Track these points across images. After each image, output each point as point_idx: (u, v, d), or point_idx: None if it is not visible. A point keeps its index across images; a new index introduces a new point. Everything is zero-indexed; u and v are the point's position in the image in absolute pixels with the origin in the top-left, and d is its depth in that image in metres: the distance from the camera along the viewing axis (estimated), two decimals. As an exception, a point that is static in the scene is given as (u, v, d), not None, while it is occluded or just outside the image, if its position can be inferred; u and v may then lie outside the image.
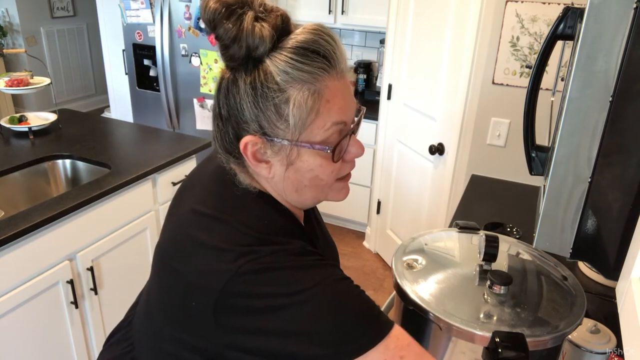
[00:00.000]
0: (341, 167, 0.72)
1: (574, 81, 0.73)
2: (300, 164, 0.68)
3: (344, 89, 0.67)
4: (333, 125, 0.66)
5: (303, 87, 0.64)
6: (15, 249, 1.59)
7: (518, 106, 2.11)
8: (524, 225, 1.55)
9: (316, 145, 0.66)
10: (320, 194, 0.73)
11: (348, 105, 0.68)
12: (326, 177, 0.70)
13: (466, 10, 2.15)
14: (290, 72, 0.63)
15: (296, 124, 0.65)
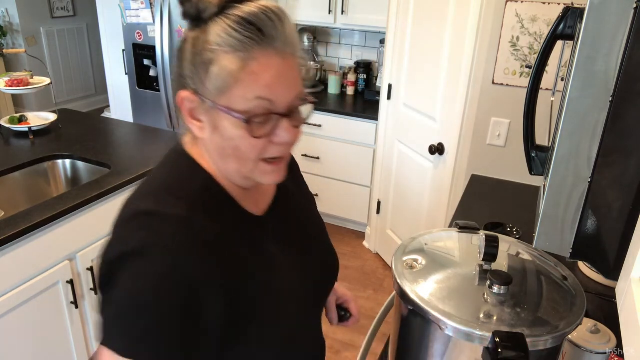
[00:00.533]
0: (266, 146, 0.70)
1: (574, 81, 0.73)
2: (223, 130, 0.69)
3: (281, 69, 0.67)
4: (256, 99, 0.66)
5: (231, 53, 0.66)
6: (15, 249, 1.59)
7: (518, 106, 2.11)
8: (524, 225, 1.55)
9: (233, 112, 0.67)
10: (244, 168, 0.72)
11: (279, 85, 0.67)
12: (247, 151, 0.69)
13: (466, 10, 2.15)
14: (223, 36, 0.66)
15: (217, 86, 0.67)
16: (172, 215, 0.69)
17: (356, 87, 3.54)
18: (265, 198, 0.83)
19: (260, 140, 0.69)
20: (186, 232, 0.69)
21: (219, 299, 0.69)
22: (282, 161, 0.74)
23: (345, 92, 3.56)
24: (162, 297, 0.66)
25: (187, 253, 0.67)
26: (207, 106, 0.69)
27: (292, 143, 0.72)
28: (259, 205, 0.82)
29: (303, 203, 0.94)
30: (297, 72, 0.70)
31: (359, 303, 2.76)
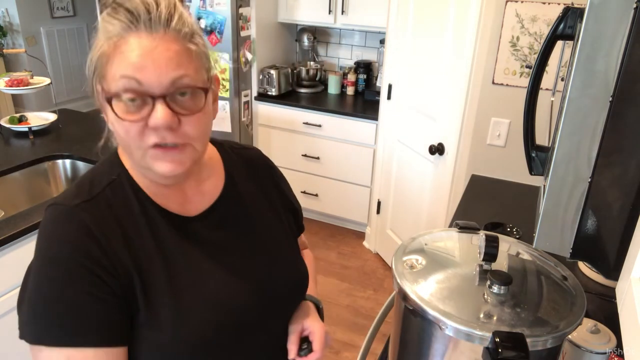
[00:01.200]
0: (143, 132, 0.68)
1: (574, 81, 0.73)
2: (107, 115, 0.71)
3: (152, 49, 0.66)
4: (121, 78, 0.66)
5: (107, 37, 0.68)
6: (15, 249, 1.59)
7: (518, 106, 2.11)
8: (524, 225, 1.55)
9: (104, 93, 0.69)
10: (134, 157, 0.72)
11: (148, 65, 0.66)
12: (124, 135, 0.69)
13: (466, 10, 2.15)
14: (103, 25, 0.68)
15: (93, 70, 0.69)
16: (61, 206, 0.72)
17: (356, 87, 3.54)
18: (200, 200, 0.81)
19: (132, 124, 0.68)
20: (66, 220, 0.71)
21: (113, 280, 0.70)
22: (175, 150, 0.70)
23: (345, 92, 3.56)
24: (46, 281, 0.69)
25: (63, 237, 0.70)
26: (99, 96, 0.71)
27: (170, 127, 0.68)
28: (186, 206, 0.80)
29: (257, 207, 0.89)
30: (177, 55, 0.67)
31: (358, 303, 2.76)
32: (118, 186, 0.76)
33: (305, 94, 3.50)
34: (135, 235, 0.74)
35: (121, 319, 0.71)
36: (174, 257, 0.76)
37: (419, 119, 2.61)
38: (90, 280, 0.68)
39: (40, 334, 0.68)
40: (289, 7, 3.41)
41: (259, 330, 0.83)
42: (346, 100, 3.45)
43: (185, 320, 0.73)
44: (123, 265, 0.71)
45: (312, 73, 3.56)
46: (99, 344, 0.69)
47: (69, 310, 0.68)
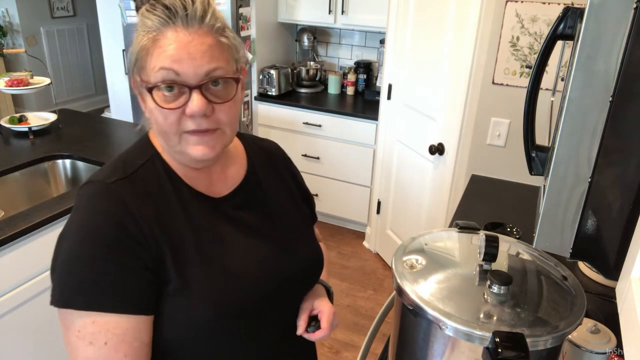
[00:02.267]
0: (181, 119, 0.75)
1: (574, 81, 0.73)
2: (147, 104, 0.77)
3: (187, 43, 0.72)
4: (161, 70, 0.72)
5: (146, 31, 0.74)
6: (15, 249, 1.59)
7: (518, 106, 2.11)
8: (524, 225, 1.55)
9: (144, 84, 0.75)
10: (171, 142, 0.77)
11: (185, 57, 0.72)
12: (162, 122, 0.75)
13: (466, 10, 2.15)
14: (142, 20, 0.75)
15: (135, 62, 0.76)
16: (98, 182, 0.78)
17: (356, 87, 3.54)
18: (224, 184, 0.88)
19: (171, 112, 0.74)
20: (103, 194, 0.76)
21: (144, 253, 0.74)
22: (208, 134, 0.76)
23: (345, 92, 3.56)
24: (84, 248, 0.73)
25: (100, 210, 0.75)
26: (139, 86, 0.77)
27: (205, 115, 0.74)
28: (212, 189, 0.86)
29: (277, 194, 0.95)
30: (210, 48, 0.74)
31: (358, 303, 2.76)
32: (151, 166, 0.82)
33: (305, 94, 3.50)
34: (167, 210, 0.79)
35: (149, 289, 0.75)
36: (203, 231, 0.81)
37: (419, 119, 2.61)
38: (123, 251, 0.73)
39: (70, 297, 0.72)
40: (289, 7, 3.41)
41: (277, 304, 0.88)
42: (346, 100, 3.45)
43: (213, 288, 0.78)
44: (155, 239, 0.75)
45: (312, 73, 3.56)
46: (125, 311, 0.73)
47: (100, 278, 0.72)
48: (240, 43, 0.80)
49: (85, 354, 0.72)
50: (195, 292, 0.77)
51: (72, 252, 0.73)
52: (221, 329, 0.80)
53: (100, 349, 0.71)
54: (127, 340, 0.73)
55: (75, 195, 0.80)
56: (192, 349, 0.80)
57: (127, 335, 0.73)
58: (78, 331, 0.72)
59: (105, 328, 0.71)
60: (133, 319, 0.73)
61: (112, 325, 0.72)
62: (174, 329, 0.77)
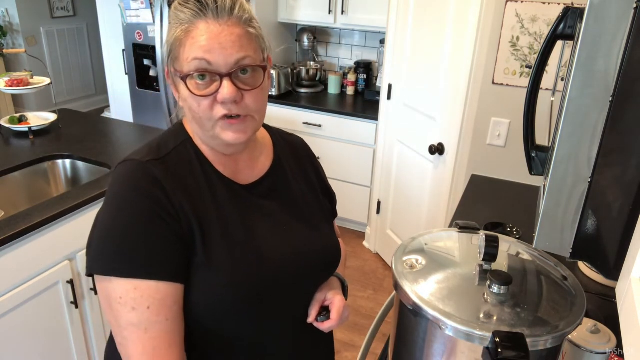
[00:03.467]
0: (213, 105, 0.80)
1: (574, 81, 0.73)
2: (182, 93, 0.82)
3: (218, 33, 0.77)
4: (194, 60, 0.77)
5: (179, 24, 0.79)
6: (15, 249, 1.59)
7: (518, 106, 2.11)
8: (524, 225, 1.55)
9: (178, 73, 0.80)
10: (205, 128, 0.82)
11: (215, 47, 0.77)
12: (196, 109, 0.80)
13: (466, 10, 2.15)
14: (174, 13, 0.80)
15: (169, 53, 0.81)
16: (135, 160, 0.83)
17: (356, 87, 3.54)
18: (251, 172, 0.92)
19: (203, 98, 0.79)
20: (139, 171, 0.81)
21: (176, 225, 0.79)
22: (239, 120, 0.82)
23: (345, 92, 3.56)
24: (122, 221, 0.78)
25: (136, 185, 0.80)
26: (172, 75, 0.83)
27: (235, 101, 0.80)
28: (238, 176, 0.90)
29: (300, 186, 1.00)
30: (239, 38, 0.79)
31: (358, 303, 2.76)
32: (183, 150, 0.87)
33: (305, 94, 3.50)
34: (196, 191, 0.84)
35: (182, 259, 0.80)
36: (228, 212, 0.86)
37: (419, 119, 2.61)
38: (158, 222, 0.78)
39: (111, 266, 0.76)
40: (289, 7, 3.41)
41: (294, 291, 0.92)
42: (346, 100, 3.45)
43: (234, 268, 0.82)
44: (185, 214, 0.80)
45: (312, 73, 3.56)
46: (163, 277, 0.77)
47: (138, 246, 0.77)
48: (266, 33, 0.85)
49: (129, 319, 0.76)
50: (219, 268, 0.81)
51: (111, 223, 0.78)
52: (241, 308, 0.84)
53: (144, 313, 0.76)
54: (167, 304, 0.77)
55: (112, 172, 0.85)
56: (213, 326, 0.84)
57: (167, 299, 0.77)
58: (120, 297, 0.75)
59: (147, 293, 0.76)
60: (171, 285, 0.78)
61: (154, 290, 0.76)
62: (197, 304, 0.81)
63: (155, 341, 0.76)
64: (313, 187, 1.03)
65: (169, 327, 0.77)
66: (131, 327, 0.76)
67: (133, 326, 0.76)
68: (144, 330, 0.76)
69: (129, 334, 0.76)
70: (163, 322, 0.77)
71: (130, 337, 0.76)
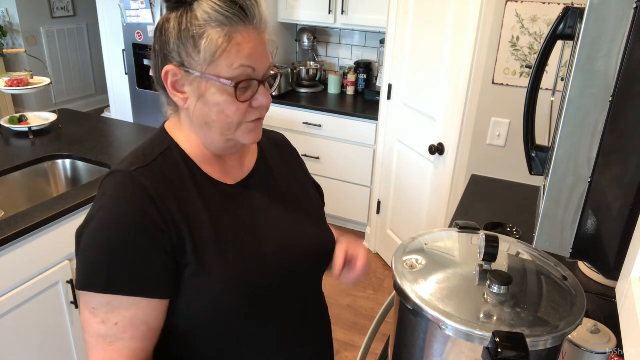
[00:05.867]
0: (247, 110, 0.81)
1: (574, 81, 0.73)
2: (209, 97, 0.79)
3: (258, 41, 0.78)
4: (240, 67, 0.77)
5: (218, 27, 0.75)
6: (15, 249, 1.59)
7: (518, 106, 2.11)
8: (524, 225, 1.55)
9: (222, 79, 0.77)
10: (228, 131, 0.82)
11: (258, 55, 0.78)
12: (231, 114, 0.80)
13: (466, 10, 2.15)
14: (211, 13, 0.75)
15: (206, 57, 0.76)
16: (120, 172, 0.81)
17: (356, 87, 3.54)
18: (239, 171, 0.92)
19: (244, 104, 0.79)
20: (127, 182, 0.79)
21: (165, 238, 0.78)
22: (260, 122, 0.85)
23: (345, 92, 3.56)
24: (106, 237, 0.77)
25: (124, 197, 0.78)
26: (193, 77, 0.78)
27: (268, 106, 0.83)
28: (226, 176, 0.90)
29: (287, 179, 1.00)
30: (267, 45, 0.81)
31: (358, 303, 2.76)
32: (169, 155, 0.85)
33: (305, 94, 3.51)
34: (185, 196, 0.83)
35: (166, 274, 0.79)
36: (219, 214, 0.85)
37: (419, 119, 2.61)
38: (143, 237, 0.76)
39: (88, 280, 0.77)
40: (289, 7, 3.41)
41: (293, 284, 0.92)
42: (346, 100, 3.45)
43: (231, 268, 0.82)
44: (175, 223, 0.79)
45: (312, 73, 3.56)
46: (140, 294, 0.77)
47: (118, 262, 0.76)
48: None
49: (97, 330, 0.77)
50: (214, 273, 0.80)
51: (94, 237, 0.78)
52: (240, 309, 0.84)
53: (111, 328, 0.77)
54: (135, 324, 0.77)
55: (98, 186, 0.84)
56: (213, 329, 0.84)
57: (135, 319, 0.77)
58: (93, 308, 0.77)
59: (117, 310, 0.76)
60: (145, 303, 0.77)
61: (124, 307, 0.76)
62: (194, 310, 0.81)
63: (115, 354, 0.78)
64: (300, 180, 1.04)
65: (132, 345, 0.78)
66: (97, 337, 0.78)
67: (99, 337, 0.77)
68: (109, 343, 0.77)
69: (94, 342, 0.78)
70: (127, 339, 0.78)
71: (95, 345, 0.78)
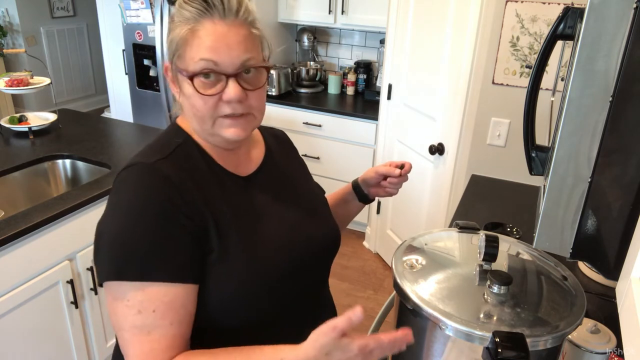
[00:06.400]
0: (217, 104, 0.81)
1: (574, 81, 0.73)
2: (184, 90, 0.83)
3: (225, 34, 0.78)
4: (201, 60, 0.78)
5: (184, 24, 0.79)
6: (15, 249, 1.59)
7: (518, 106, 2.11)
8: (524, 225, 1.55)
9: (184, 72, 0.80)
10: (205, 125, 0.83)
11: (222, 48, 0.78)
12: (200, 107, 0.81)
13: (466, 10, 2.15)
14: (179, 10, 0.80)
15: (174, 52, 0.81)
16: (142, 163, 0.82)
17: (356, 87, 3.54)
18: (249, 164, 0.95)
19: (210, 97, 0.80)
20: (150, 173, 0.80)
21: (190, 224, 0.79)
22: (241, 118, 0.84)
23: (345, 92, 3.56)
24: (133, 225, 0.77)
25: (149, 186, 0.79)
26: (175, 72, 0.83)
27: (240, 101, 0.81)
28: (239, 168, 0.92)
29: (294, 172, 1.05)
30: (245, 39, 0.80)
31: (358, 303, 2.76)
32: (185, 148, 0.87)
33: (305, 94, 3.50)
34: (205, 185, 0.84)
35: (194, 259, 0.80)
36: (237, 205, 0.87)
37: (419, 119, 2.61)
38: (171, 224, 0.78)
39: (121, 270, 0.76)
40: (289, 7, 3.41)
41: (306, 273, 0.94)
42: (346, 100, 3.45)
43: (250, 256, 0.84)
44: (199, 211, 0.81)
45: (312, 73, 3.56)
46: (174, 279, 0.77)
47: (148, 250, 0.76)
48: (267, 34, 0.88)
49: (134, 322, 0.76)
50: (235, 261, 0.82)
51: (121, 227, 0.77)
52: (258, 296, 0.85)
53: (148, 316, 0.75)
54: (174, 308, 0.77)
55: (115, 179, 0.84)
56: (235, 314, 0.85)
57: (174, 302, 0.77)
58: (128, 300, 0.76)
59: (154, 296, 0.76)
60: (181, 288, 0.78)
61: (162, 293, 0.76)
62: (218, 295, 0.82)
63: (153, 343, 0.76)
64: (303, 172, 1.08)
65: (171, 331, 0.77)
66: (134, 329, 0.76)
67: (136, 328, 0.76)
68: (147, 332, 0.76)
69: (130, 336, 0.76)
70: (166, 326, 0.76)
71: (132, 339, 0.76)
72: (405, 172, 1.13)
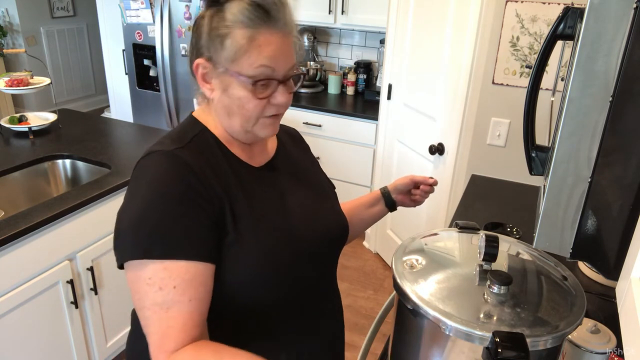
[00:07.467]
0: (266, 106, 0.86)
1: (574, 81, 0.73)
2: (232, 91, 0.85)
3: (281, 43, 0.83)
4: (260, 67, 0.82)
5: (243, 29, 0.81)
6: (15, 249, 1.60)
7: (518, 106, 2.11)
8: (524, 225, 1.55)
9: (242, 76, 0.83)
10: (246, 123, 0.88)
11: (279, 57, 0.83)
12: (250, 108, 0.86)
13: (466, 10, 2.15)
14: (237, 14, 0.81)
15: (229, 55, 0.83)
16: (161, 150, 0.86)
17: (356, 87, 3.54)
18: (262, 156, 0.98)
19: (262, 100, 0.85)
20: (170, 159, 0.84)
21: (209, 207, 0.83)
22: (278, 118, 0.91)
23: (345, 92, 3.56)
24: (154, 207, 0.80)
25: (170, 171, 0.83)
26: (219, 71, 0.85)
27: (286, 105, 0.88)
28: (252, 159, 0.96)
29: (305, 166, 1.09)
30: (292, 47, 0.86)
31: (358, 303, 2.76)
32: (202, 137, 0.91)
33: (305, 94, 3.50)
34: (221, 173, 0.88)
35: (214, 240, 0.84)
36: (251, 192, 0.91)
37: (418, 119, 2.61)
38: (191, 205, 0.81)
39: (145, 249, 0.79)
40: (289, 7, 3.41)
41: (318, 259, 0.98)
42: (346, 100, 3.45)
43: (263, 242, 0.88)
44: (217, 196, 0.85)
45: (312, 73, 3.56)
46: (195, 257, 0.80)
47: (171, 229, 0.80)
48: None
49: (154, 299, 0.78)
50: (248, 246, 0.86)
51: (144, 209, 0.81)
52: (270, 282, 0.89)
53: (169, 293, 0.78)
54: (194, 285, 0.80)
55: (134, 168, 0.87)
56: (248, 295, 0.88)
57: (195, 279, 0.80)
58: (149, 278, 0.79)
59: (175, 273, 0.79)
60: (201, 266, 0.81)
61: (183, 270, 0.79)
62: (231, 277, 0.85)
63: (171, 320, 0.78)
64: (315, 165, 1.13)
65: (190, 307, 0.79)
66: (154, 306, 0.78)
67: (156, 305, 0.78)
68: (166, 309, 0.78)
69: (151, 314, 0.79)
70: (186, 302, 0.79)
71: (152, 316, 0.79)
72: (435, 183, 1.23)
